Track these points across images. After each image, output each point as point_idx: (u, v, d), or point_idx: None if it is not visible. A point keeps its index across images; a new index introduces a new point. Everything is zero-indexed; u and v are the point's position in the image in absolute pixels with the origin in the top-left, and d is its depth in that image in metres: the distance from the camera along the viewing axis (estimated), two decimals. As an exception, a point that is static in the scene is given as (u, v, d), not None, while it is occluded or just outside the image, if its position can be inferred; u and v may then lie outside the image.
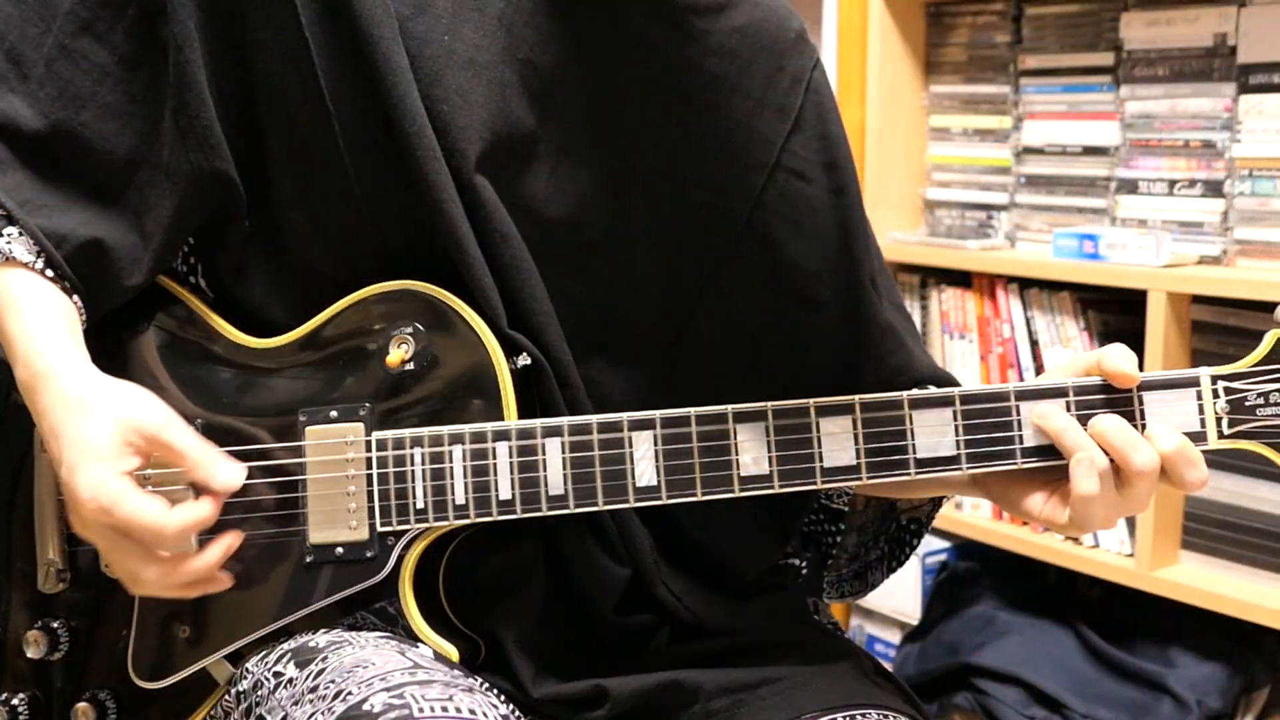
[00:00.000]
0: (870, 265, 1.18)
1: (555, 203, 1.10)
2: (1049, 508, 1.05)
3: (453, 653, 1.06)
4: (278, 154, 1.09)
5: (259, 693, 1.03)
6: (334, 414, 1.07)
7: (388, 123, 1.04)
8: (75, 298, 1.07)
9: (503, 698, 1.05)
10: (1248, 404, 1.01)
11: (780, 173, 1.12)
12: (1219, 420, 1.01)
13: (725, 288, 1.13)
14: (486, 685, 1.05)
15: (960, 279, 2.23)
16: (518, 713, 1.06)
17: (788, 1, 1.17)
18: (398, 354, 1.06)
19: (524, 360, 1.06)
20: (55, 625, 1.12)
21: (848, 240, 1.14)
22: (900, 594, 2.35)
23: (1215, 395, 1.01)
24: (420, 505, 1.05)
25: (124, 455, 1.00)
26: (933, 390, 1.05)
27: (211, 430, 1.09)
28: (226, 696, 1.08)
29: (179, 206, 1.09)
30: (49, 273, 1.06)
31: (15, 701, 1.13)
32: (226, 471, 1.02)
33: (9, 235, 1.06)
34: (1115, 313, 2.05)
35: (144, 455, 1.01)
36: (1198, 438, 1.01)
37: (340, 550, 1.06)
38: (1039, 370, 2.09)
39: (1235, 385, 1.02)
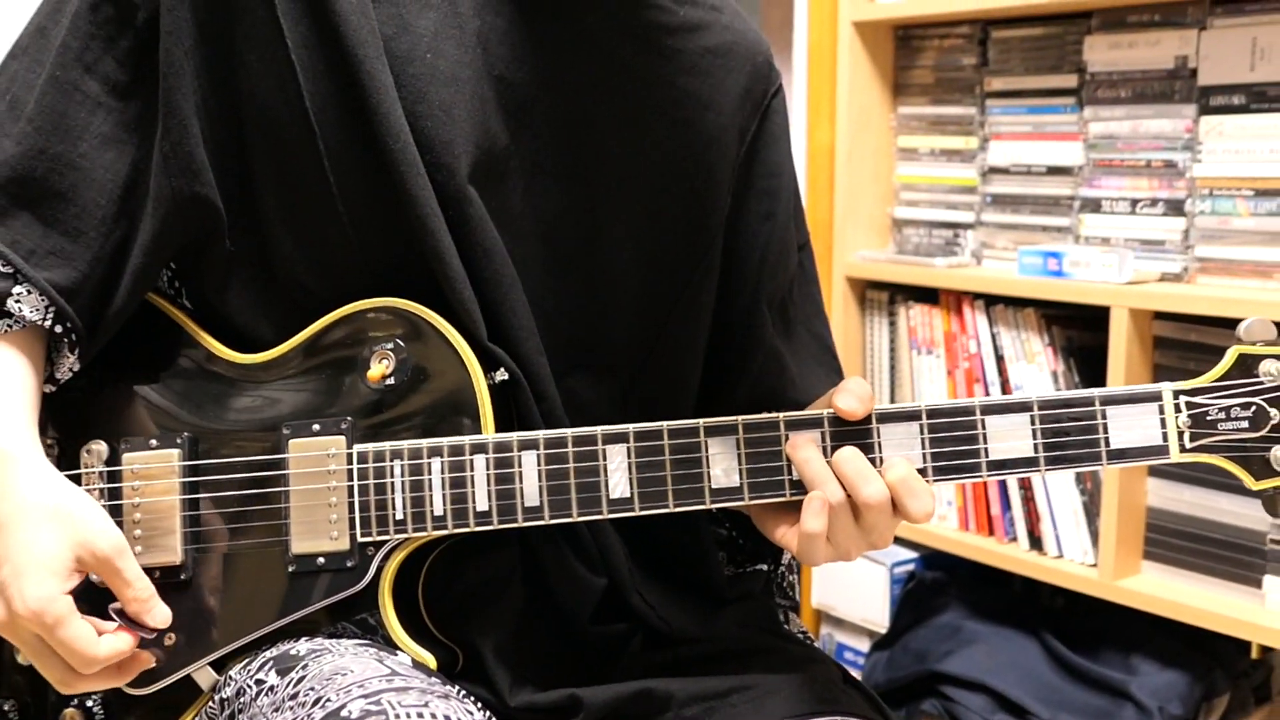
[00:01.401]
0: (776, 290, 1.19)
1: (530, 218, 1.11)
2: (790, 536, 1.06)
3: (430, 661, 1.06)
4: (264, 174, 1.09)
5: (241, 700, 1.04)
6: (316, 427, 1.07)
7: (372, 140, 1.05)
8: (75, 352, 1.08)
9: (479, 705, 1.06)
10: (1209, 418, 1.01)
11: (736, 191, 1.15)
12: (1181, 434, 1.02)
13: (698, 300, 1.16)
14: (464, 693, 1.06)
15: (927, 296, 2.24)
16: (493, 720, 1.07)
17: (756, 27, 1.20)
18: (379, 369, 1.07)
19: (502, 375, 1.07)
20: (43, 634, 1.13)
21: (761, 263, 1.17)
22: (869, 603, 2.36)
23: (1177, 410, 1.01)
24: (400, 516, 1.06)
25: (71, 575, 1.01)
26: (904, 405, 1.05)
27: (197, 443, 1.10)
28: (211, 703, 1.09)
29: (158, 231, 1.09)
30: (58, 328, 1.06)
31: (6, 708, 1.13)
32: (160, 612, 1.05)
33: (17, 295, 1.06)
34: (1079, 329, 2.06)
35: (86, 573, 1.03)
36: (1160, 451, 1.02)
37: (322, 560, 1.07)
38: (1004, 385, 2.11)
39: (1197, 400, 1.02)
